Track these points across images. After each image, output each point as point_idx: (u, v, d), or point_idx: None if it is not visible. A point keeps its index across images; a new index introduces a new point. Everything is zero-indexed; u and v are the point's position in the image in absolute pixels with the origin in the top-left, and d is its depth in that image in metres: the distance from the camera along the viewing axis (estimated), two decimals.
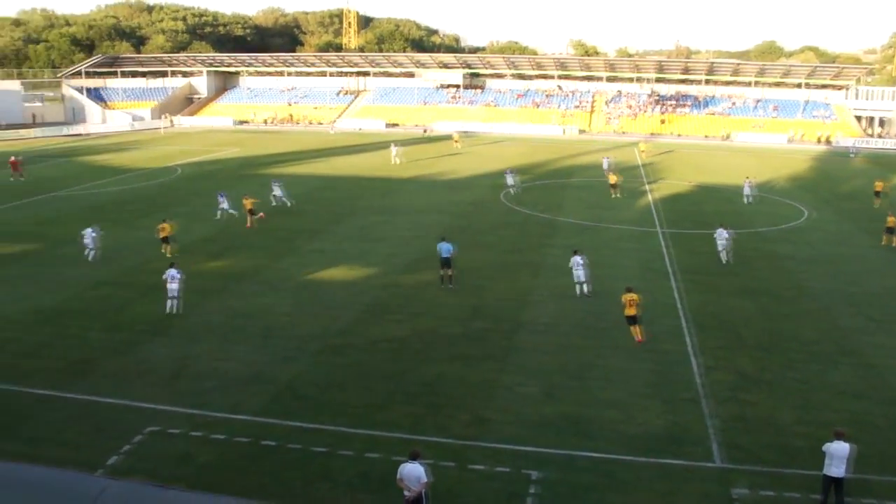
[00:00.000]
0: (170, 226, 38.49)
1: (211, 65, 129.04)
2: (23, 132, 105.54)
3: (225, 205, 46.32)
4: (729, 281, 33.47)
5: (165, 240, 37.89)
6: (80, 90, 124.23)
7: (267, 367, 23.97)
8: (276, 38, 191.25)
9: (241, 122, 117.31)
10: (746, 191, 52.61)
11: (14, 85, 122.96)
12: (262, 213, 44.92)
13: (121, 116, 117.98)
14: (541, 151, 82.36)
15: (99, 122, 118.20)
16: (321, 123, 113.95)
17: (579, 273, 30.94)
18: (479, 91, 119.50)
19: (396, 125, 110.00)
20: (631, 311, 25.90)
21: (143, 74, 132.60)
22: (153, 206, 48.72)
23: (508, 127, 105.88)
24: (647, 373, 23.76)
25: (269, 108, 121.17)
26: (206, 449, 19.15)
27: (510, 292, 31.50)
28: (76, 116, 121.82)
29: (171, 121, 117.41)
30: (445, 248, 32.04)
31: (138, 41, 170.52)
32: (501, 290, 31.78)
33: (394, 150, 72.41)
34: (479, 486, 17.82)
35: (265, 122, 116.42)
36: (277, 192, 50.64)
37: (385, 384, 22.83)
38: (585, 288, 30.95)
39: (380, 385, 22.77)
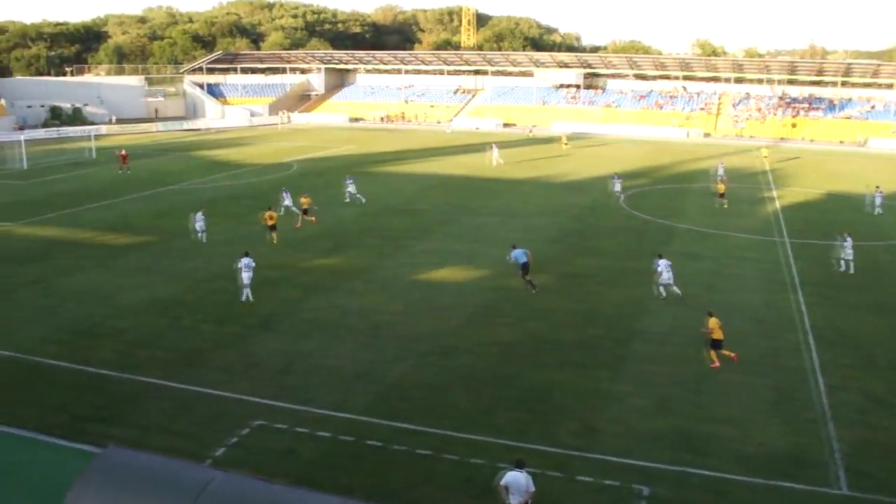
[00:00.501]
0: (277, 215, 40.88)
1: (328, 62, 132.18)
2: (144, 126, 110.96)
3: (287, 202, 47.23)
4: (859, 295, 31.77)
5: (273, 227, 39.93)
6: (199, 86, 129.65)
7: (374, 366, 24.26)
8: (393, 36, 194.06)
9: (356, 120, 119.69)
10: (878, 200, 49.93)
11: (137, 80, 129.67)
12: (314, 218, 45.31)
13: (238, 112, 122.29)
14: (662, 154, 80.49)
15: (217, 117, 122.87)
16: (439, 122, 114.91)
17: (665, 276, 30.72)
18: (598, 91, 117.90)
19: (513, 125, 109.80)
20: (719, 335, 24.87)
21: (261, 71, 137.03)
22: (267, 202, 50.27)
23: (627, 129, 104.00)
24: (766, 389, 22.80)
25: (385, 105, 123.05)
26: (310, 445, 19.51)
27: (625, 299, 30.87)
28: (195, 111, 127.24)
29: (288, 117, 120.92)
30: (521, 255, 32.02)
31: (257, 38, 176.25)
32: (616, 297, 31.18)
33: (494, 151, 72.26)
34: (586, 498, 17.48)
35: (382, 119, 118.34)
36: (351, 188, 52.40)
37: (492, 388, 22.73)
38: (675, 290, 30.71)
39: (487, 389, 22.67)
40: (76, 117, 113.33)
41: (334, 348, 25.74)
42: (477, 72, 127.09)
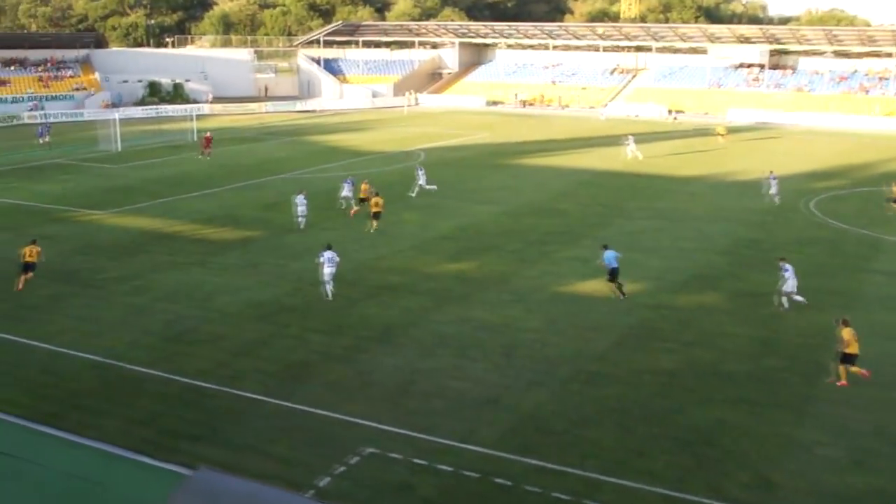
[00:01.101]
0: (383, 201, 43.74)
1: (463, 35, 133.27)
2: (252, 106, 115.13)
3: (347, 192, 48.68)
4: None
5: (377, 215, 42.82)
6: (315, 61, 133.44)
7: (507, 392, 24.23)
8: (540, 5, 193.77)
9: (494, 104, 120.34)
10: None
11: (246, 54, 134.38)
12: (356, 208, 47.33)
13: (359, 92, 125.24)
14: (866, 150, 77.16)
15: (334, 97, 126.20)
16: (591, 108, 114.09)
17: (791, 284, 31.13)
18: (787, 72, 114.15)
19: (681, 112, 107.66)
20: (855, 349, 24.64)
21: (386, 45, 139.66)
22: (392, 194, 51.14)
23: (822, 118, 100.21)
24: None
25: (527, 87, 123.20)
26: (429, 480, 19.63)
27: (813, 326, 29.70)
28: (309, 90, 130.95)
29: (415, 98, 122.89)
30: (612, 258, 32.82)
31: (381, 7, 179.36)
32: (802, 323, 30.06)
33: (630, 143, 71.12)
34: None
35: (523, 103, 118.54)
36: (421, 180, 54.14)
37: (648, 426, 22.28)
38: (799, 299, 31.17)
39: (641, 426, 22.25)
40: (176, 94, 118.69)
41: (462, 368, 25.86)
42: (638, 48, 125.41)
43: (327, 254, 32.66)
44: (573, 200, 52.30)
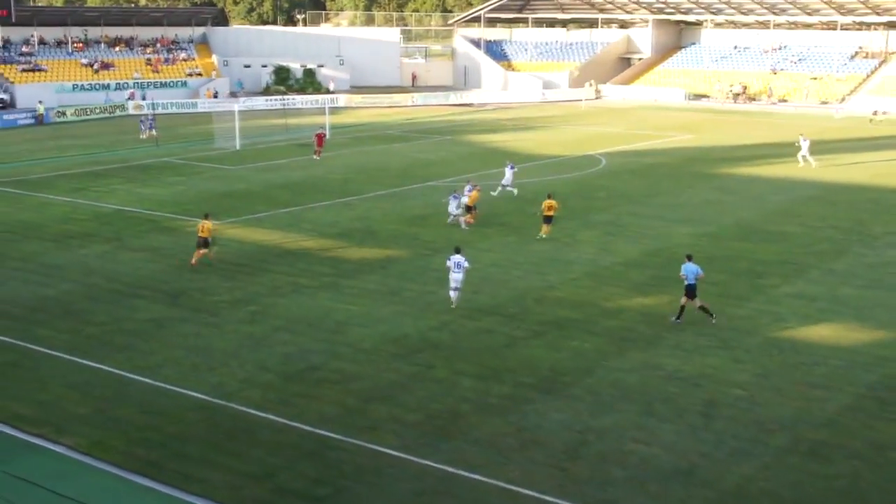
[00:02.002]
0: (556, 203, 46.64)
1: (659, 11, 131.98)
2: (397, 97, 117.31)
3: (453, 206, 48.88)
4: None
5: (548, 219, 45.88)
6: (474, 43, 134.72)
7: (704, 461, 23.74)
8: None
9: (698, 97, 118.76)
10: None
11: (391, 34, 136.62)
12: (470, 218, 48.80)
13: (528, 82, 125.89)
14: None
15: (497, 87, 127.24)
16: (824, 102, 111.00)
17: None
18: None
19: None
20: None
21: (562, 24, 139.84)
22: (566, 210, 51.09)
23: None
24: None
25: (741, 75, 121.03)
26: None
27: None
28: (466, 79, 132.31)
29: (598, 90, 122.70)
30: (692, 272, 33.84)
31: None
32: None
33: (804, 145, 69.14)
34: None
35: (736, 97, 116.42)
36: (507, 178, 56.85)
37: None
38: None
39: None
40: (308, 82, 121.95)
41: (647, 429, 25.48)
42: (890, 24, 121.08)
43: (455, 258, 35.10)
44: (796, 221, 50.99)
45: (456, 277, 35.27)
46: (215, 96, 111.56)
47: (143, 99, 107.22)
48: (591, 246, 45.26)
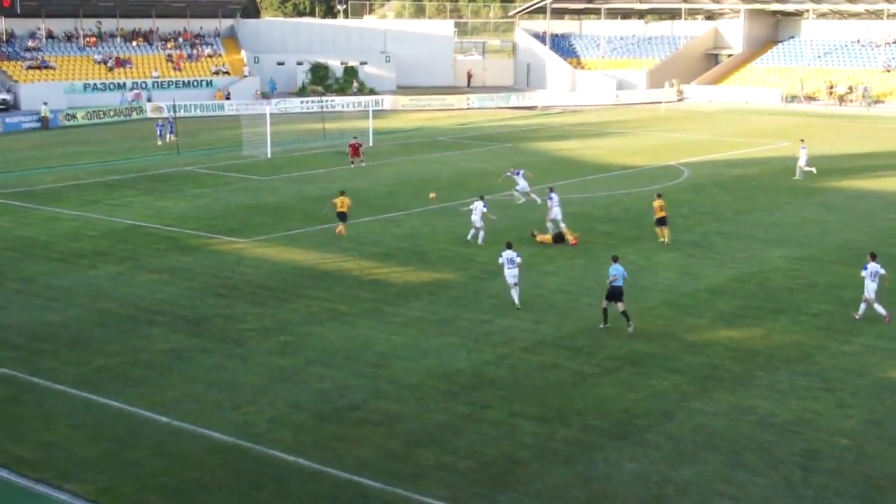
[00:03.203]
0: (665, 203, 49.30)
1: (752, 0, 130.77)
2: (450, 99, 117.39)
3: (476, 216, 49.36)
4: None
5: (662, 221, 48.49)
6: (538, 37, 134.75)
7: None
8: None
9: (796, 99, 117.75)
10: None
11: (444, 28, 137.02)
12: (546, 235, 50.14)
13: (599, 81, 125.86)
14: None
15: (564, 88, 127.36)
16: None
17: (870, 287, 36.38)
18: None
19: None
20: None
21: (639, 15, 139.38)
22: (643, 229, 50.89)
23: None
24: None
25: (848, 74, 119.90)
26: None
27: None
28: (529, 79, 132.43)
29: (680, 91, 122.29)
30: (619, 272, 36.67)
31: None
32: None
33: (802, 154, 69.00)
34: None
35: (840, 99, 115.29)
36: (520, 185, 58.86)
37: None
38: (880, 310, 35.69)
39: None
40: (349, 82, 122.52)
41: (736, 482, 25.23)
42: None
43: (507, 253, 38.60)
44: None
45: (513, 273, 38.41)
46: (227, 98, 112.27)
47: (149, 101, 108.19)
48: (671, 270, 45.08)
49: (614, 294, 36.60)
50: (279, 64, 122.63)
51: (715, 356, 34.06)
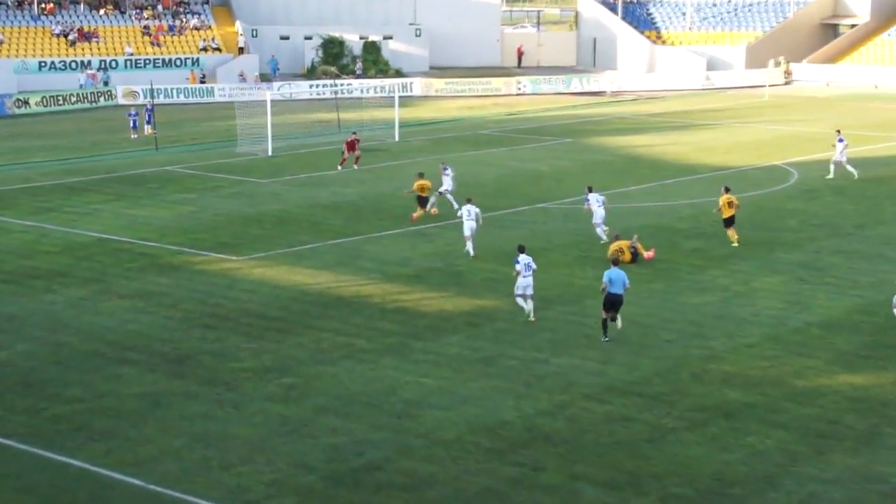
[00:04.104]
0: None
1: None
2: (496, 83, 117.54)
3: (468, 227, 50.80)
4: None
5: (730, 221, 49.93)
6: (609, 6, 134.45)
7: None
8: None
9: None
10: None
11: None
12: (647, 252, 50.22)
13: (685, 60, 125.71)
14: None
15: (639, 68, 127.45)
16: None
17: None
18: None
19: None
20: None
21: None
22: (744, 244, 50.74)
23: None
24: None
25: None
26: None
27: None
28: (597, 58, 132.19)
29: (788, 71, 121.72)
30: (619, 279, 39.14)
31: None
32: None
33: (839, 146, 69.68)
34: None
35: None
36: (446, 185, 60.41)
37: None
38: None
39: None
40: (370, 61, 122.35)
41: None
42: None
43: (524, 258, 40.92)
44: None
45: (528, 283, 40.87)
46: (202, 81, 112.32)
47: (107, 84, 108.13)
48: (776, 297, 44.84)
49: (614, 304, 38.98)
50: (283, 39, 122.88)
51: (832, 408, 33.73)
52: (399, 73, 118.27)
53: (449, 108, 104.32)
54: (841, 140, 69.17)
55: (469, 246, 50.37)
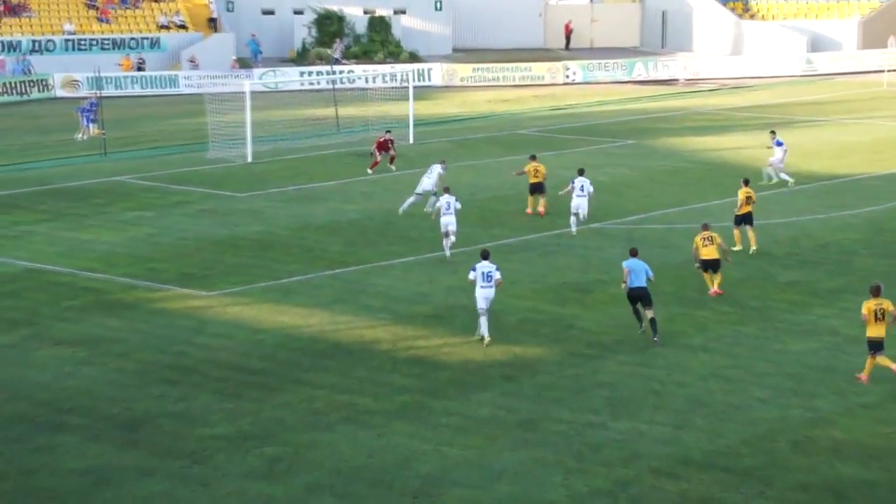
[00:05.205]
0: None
1: None
2: (537, 69, 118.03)
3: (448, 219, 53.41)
4: None
5: (743, 219, 51.77)
6: None
7: None
8: None
9: None
10: None
11: None
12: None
13: (780, 39, 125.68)
14: None
15: (724, 50, 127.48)
16: None
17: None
18: None
19: None
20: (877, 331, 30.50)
21: None
22: (845, 276, 50.59)
23: None
24: None
25: None
26: None
27: None
28: (667, 37, 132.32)
29: None
30: (640, 269, 43.42)
31: None
32: None
33: (777, 150, 70.61)
34: None
35: None
36: (426, 185, 63.51)
37: None
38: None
39: None
40: (377, 42, 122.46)
41: None
42: None
43: (483, 266, 43.52)
44: None
45: (487, 296, 43.24)
46: (139, 68, 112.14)
47: (29, 72, 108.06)
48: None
49: (637, 297, 43.27)
50: (266, 13, 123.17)
51: None
52: (414, 57, 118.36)
53: (477, 101, 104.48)
54: (779, 143, 71.23)
55: (446, 244, 54.74)
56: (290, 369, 41.94)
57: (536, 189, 58.01)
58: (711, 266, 49.08)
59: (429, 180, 62.28)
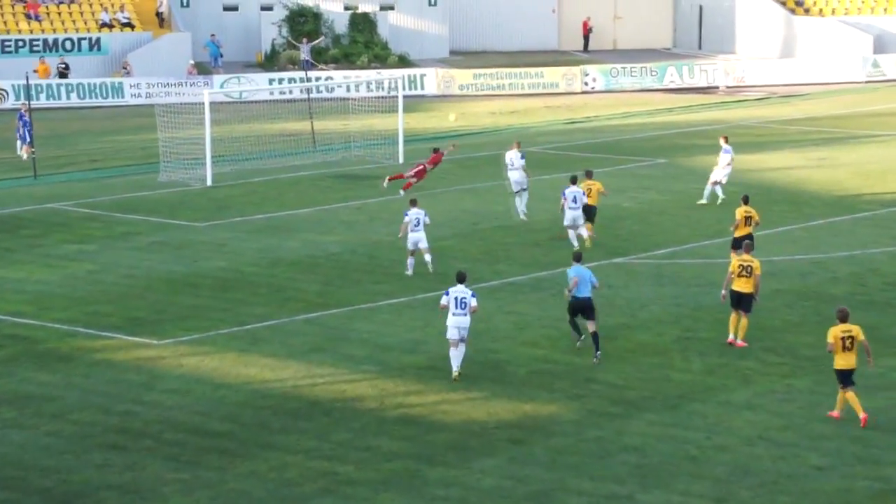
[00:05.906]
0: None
1: None
2: (549, 75, 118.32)
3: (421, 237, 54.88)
4: None
5: (742, 242, 49.76)
6: None
7: None
8: None
9: None
10: None
11: None
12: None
13: (839, 38, 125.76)
14: None
15: (773, 51, 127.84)
16: None
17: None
18: None
19: None
20: (846, 362, 37.35)
21: None
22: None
23: None
24: None
25: None
26: None
27: None
28: (704, 36, 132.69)
29: None
30: (586, 278, 45.49)
31: None
32: None
33: (723, 157, 71.77)
34: None
35: None
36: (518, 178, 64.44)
37: None
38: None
39: None
40: (359, 43, 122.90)
41: None
42: None
43: (457, 291, 45.01)
44: None
45: (460, 324, 44.60)
46: (61, 74, 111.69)
47: None
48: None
49: (581, 308, 45.58)
50: (228, 10, 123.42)
51: None
52: (404, 62, 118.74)
53: (479, 113, 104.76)
54: (727, 150, 72.71)
55: (410, 263, 57.78)
56: (258, 432, 41.82)
57: (586, 212, 58.73)
58: (742, 303, 48.21)
59: (516, 174, 64.90)
